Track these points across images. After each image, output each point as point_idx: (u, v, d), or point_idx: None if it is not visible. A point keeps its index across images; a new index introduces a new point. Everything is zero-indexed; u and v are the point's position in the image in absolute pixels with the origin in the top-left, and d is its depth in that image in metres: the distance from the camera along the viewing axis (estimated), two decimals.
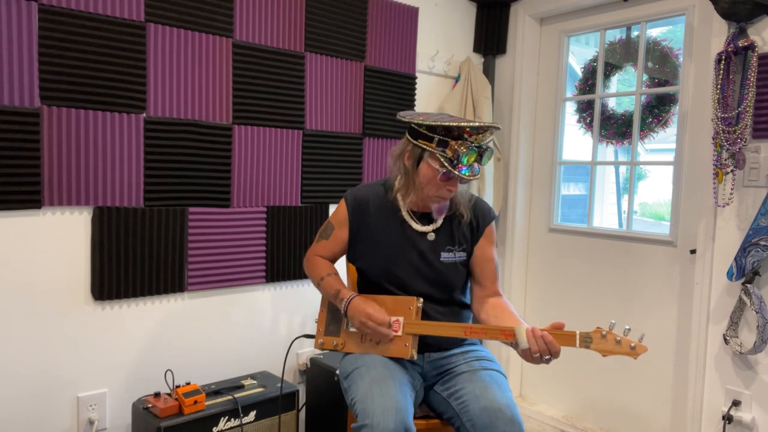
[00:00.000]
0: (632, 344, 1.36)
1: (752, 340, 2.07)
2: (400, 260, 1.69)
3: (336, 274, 1.78)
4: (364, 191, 1.76)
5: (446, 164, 1.54)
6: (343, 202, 1.77)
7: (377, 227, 1.71)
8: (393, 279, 1.69)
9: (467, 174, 1.55)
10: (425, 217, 1.70)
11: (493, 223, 1.77)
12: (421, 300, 1.62)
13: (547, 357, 1.45)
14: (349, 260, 1.81)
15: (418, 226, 1.69)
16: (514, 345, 1.48)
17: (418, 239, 1.69)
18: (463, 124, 1.52)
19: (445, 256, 1.69)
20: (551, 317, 2.91)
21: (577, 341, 1.42)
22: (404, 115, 1.61)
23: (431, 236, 1.69)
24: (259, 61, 2.22)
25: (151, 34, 1.98)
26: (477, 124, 1.53)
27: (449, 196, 1.62)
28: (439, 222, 1.70)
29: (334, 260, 1.83)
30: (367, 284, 1.76)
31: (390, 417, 1.41)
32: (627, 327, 1.40)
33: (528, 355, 1.46)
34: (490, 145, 1.59)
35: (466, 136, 1.54)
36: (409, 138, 1.61)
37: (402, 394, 1.50)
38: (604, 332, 1.39)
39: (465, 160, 1.53)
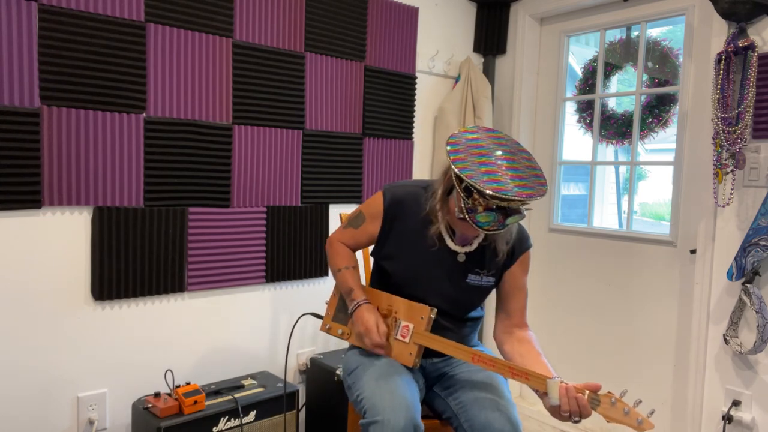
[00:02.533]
0: (639, 418, 1.30)
1: (752, 340, 2.07)
2: (425, 273, 1.63)
3: (355, 267, 1.73)
4: (402, 192, 1.65)
5: (465, 211, 1.42)
6: (380, 195, 1.66)
7: (410, 233, 1.62)
8: (413, 290, 1.64)
9: (486, 227, 1.41)
10: (462, 236, 1.61)
11: (530, 251, 1.67)
12: (435, 311, 1.56)
13: (576, 418, 1.37)
14: (373, 255, 1.73)
15: (451, 244, 1.60)
16: (541, 395, 1.42)
17: (448, 256, 1.61)
18: (485, 190, 1.34)
19: (472, 278, 1.62)
20: (551, 317, 2.91)
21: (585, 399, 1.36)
22: (450, 148, 1.43)
23: (461, 257, 1.61)
24: (259, 61, 2.22)
25: (151, 34, 1.98)
26: (504, 196, 1.34)
27: (470, 235, 1.55)
28: (475, 244, 1.61)
29: (356, 249, 1.78)
30: (384, 282, 1.71)
31: (400, 413, 1.40)
32: (639, 399, 1.34)
33: (556, 412, 1.38)
34: (522, 209, 1.42)
35: (489, 198, 1.37)
36: (453, 168, 1.45)
37: (410, 391, 1.49)
38: (614, 399, 1.33)
39: (479, 219, 1.41)
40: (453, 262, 1.62)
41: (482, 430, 1.46)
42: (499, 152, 1.45)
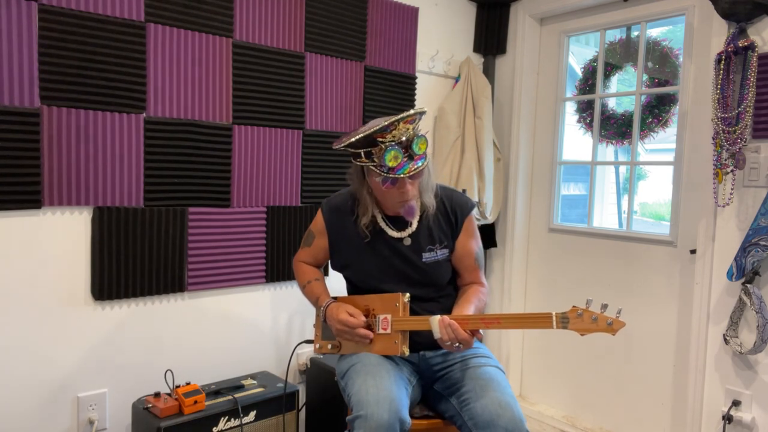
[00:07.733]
0: (609, 320, 1.32)
1: (752, 340, 2.07)
2: (383, 268, 1.69)
3: (319, 279, 1.81)
4: (337, 200, 1.77)
5: (381, 172, 1.53)
6: (319, 211, 1.79)
7: (355, 236, 1.71)
8: (378, 287, 1.69)
9: (406, 171, 1.53)
10: (401, 222, 1.70)
11: (471, 214, 1.76)
12: (408, 296, 1.62)
13: (456, 345, 1.50)
14: (333, 268, 1.82)
15: (393, 233, 1.69)
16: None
17: (397, 244, 1.69)
18: (365, 132, 1.50)
19: (427, 257, 1.69)
20: None
21: (554, 322, 1.40)
22: (338, 144, 1.59)
23: (407, 241, 1.69)
24: (259, 61, 2.22)
25: (151, 34, 1.98)
26: (379, 126, 1.50)
27: (409, 197, 1.61)
28: (415, 225, 1.69)
29: (318, 265, 1.87)
30: (355, 290, 1.79)
31: (384, 407, 1.41)
32: (604, 303, 1.36)
33: (442, 343, 1.52)
34: (418, 132, 1.56)
35: (380, 140, 1.52)
36: (352, 159, 1.63)
37: (397, 386, 1.51)
38: (580, 311, 1.36)
39: (389, 162, 1.51)
40: (402, 248, 1.69)
41: (486, 428, 1.46)
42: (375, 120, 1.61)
